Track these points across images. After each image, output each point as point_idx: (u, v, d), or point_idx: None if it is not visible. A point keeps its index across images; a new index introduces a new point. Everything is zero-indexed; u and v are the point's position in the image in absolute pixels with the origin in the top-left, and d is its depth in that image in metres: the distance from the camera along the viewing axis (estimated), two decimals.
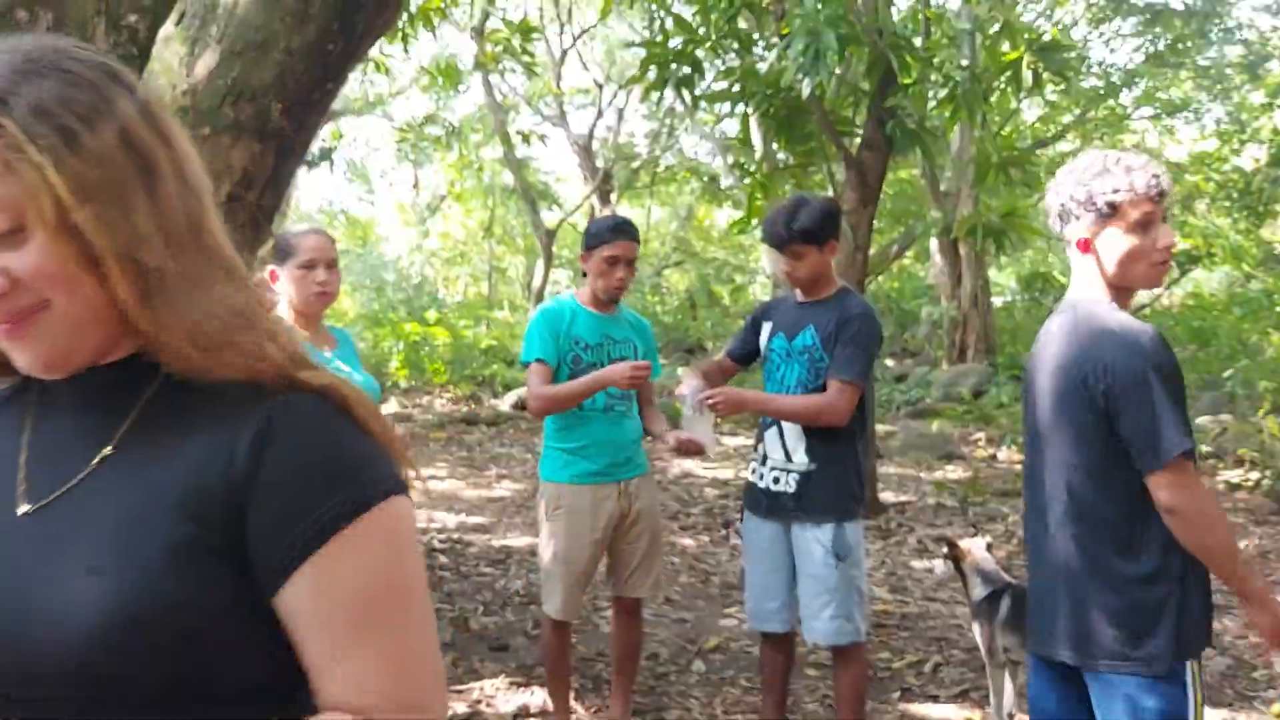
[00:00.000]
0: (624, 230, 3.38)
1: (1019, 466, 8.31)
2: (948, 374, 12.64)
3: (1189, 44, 16.47)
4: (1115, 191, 2.06)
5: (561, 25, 19.40)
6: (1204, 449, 8.68)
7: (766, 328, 3.36)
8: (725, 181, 16.80)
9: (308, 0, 3.46)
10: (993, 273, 21.18)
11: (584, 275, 3.47)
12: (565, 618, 3.39)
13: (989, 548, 3.85)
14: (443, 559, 5.71)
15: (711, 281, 20.76)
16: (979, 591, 3.65)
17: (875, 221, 20.31)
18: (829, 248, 3.22)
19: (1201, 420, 9.34)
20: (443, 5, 7.84)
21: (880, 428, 10.44)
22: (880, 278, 19.84)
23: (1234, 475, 7.91)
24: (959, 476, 8.37)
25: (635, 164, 19.50)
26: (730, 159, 14.01)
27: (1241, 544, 6.19)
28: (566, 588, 3.34)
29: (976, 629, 3.66)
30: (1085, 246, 2.12)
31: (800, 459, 3.20)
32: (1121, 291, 2.15)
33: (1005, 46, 6.98)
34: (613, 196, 19.03)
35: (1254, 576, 2.15)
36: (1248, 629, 2.17)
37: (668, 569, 5.71)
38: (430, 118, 17.49)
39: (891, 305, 17.90)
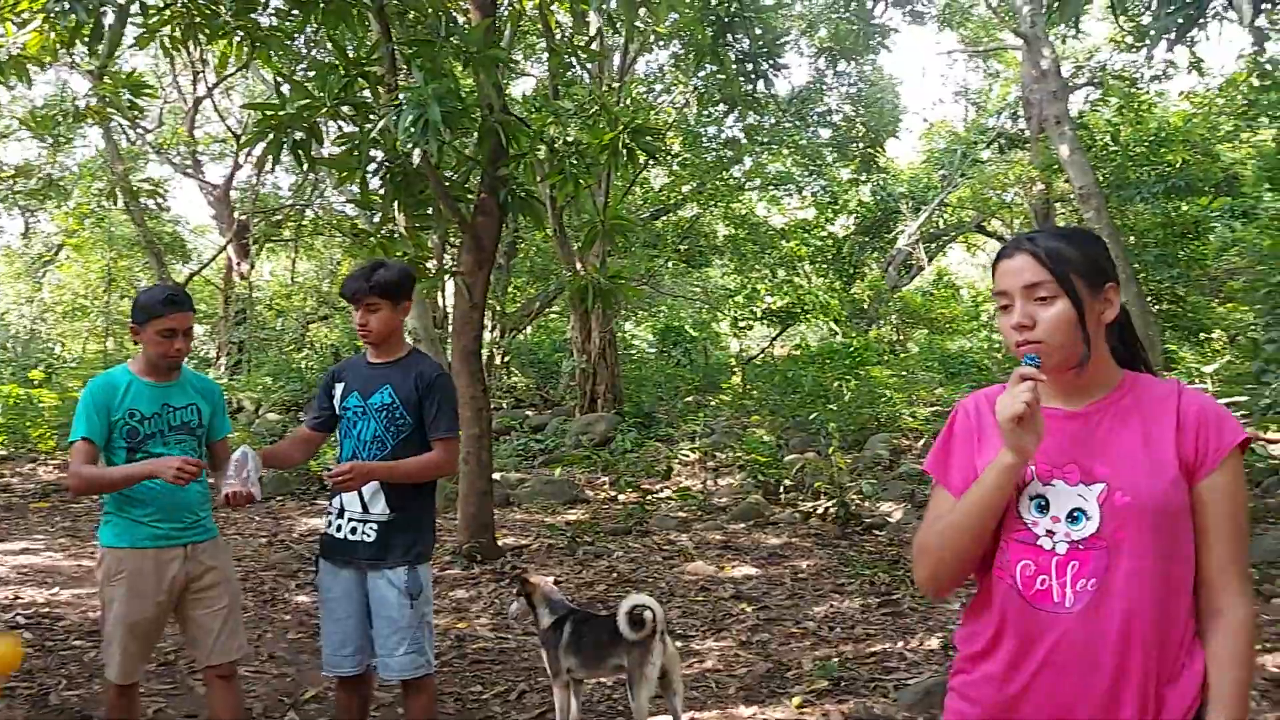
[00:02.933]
0: (177, 302, 3.35)
1: (633, 507, 9.05)
2: (579, 423, 13.35)
3: (789, 125, 18.61)
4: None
5: (196, 73, 18.66)
6: (787, 482, 9.84)
7: (339, 389, 3.60)
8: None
9: None
10: (630, 326, 22.60)
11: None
12: (126, 681, 3.33)
13: (556, 582, 4.31)
14: (26, 635, 5.39)
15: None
16: (546, 620, 4.08)
17: (515, 279, 20.61)
18: (403, 308, 3.57)
19: (790, 457, 10.55)
20: (40, 52, 7.44)
21: (513, 475, 10.90)
22: (530, 330, 20.61)
23: (812, 505, 9.00)
24: (579, 518, 8.95)
25: (276, 216, 18.98)
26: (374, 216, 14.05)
27: (804, 563, 7.14)
28: (126, 651, 3.29)
29: (544, 654, 4.08)
30: None
31: (380, 509, 3.46)
32: None
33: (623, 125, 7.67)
34: (251, 249, 18.40)
35: None
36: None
37: (277, 625, 5.74)
38: (21, 169, 16.10)
39: (532, 358, 18.60)
